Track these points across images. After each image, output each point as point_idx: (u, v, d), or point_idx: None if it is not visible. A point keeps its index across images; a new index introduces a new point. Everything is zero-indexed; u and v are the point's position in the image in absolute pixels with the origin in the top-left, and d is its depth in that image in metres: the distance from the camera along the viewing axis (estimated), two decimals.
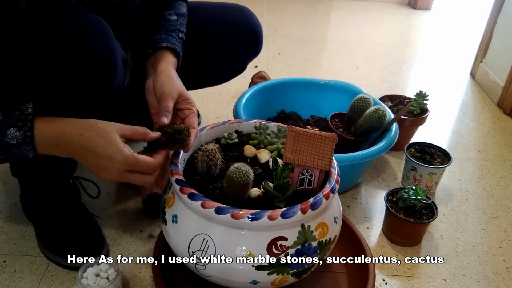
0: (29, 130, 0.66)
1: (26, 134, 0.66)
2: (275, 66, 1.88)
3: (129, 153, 0.67)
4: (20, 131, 0.65)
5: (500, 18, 1.72)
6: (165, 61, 0.85)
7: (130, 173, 0.69)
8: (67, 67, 0.67)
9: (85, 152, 0.68)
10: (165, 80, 0.81)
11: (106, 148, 0.67)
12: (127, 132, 0.70)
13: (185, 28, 0.95)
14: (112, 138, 0.67)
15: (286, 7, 2.67)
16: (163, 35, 0.89)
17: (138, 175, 0.70)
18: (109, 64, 0.72)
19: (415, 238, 1.00)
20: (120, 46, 0.77)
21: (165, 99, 0.78)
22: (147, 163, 0.69)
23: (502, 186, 1.23)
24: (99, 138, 0.67)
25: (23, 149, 0.67)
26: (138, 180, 0.70)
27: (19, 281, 0.86)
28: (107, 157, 0.67)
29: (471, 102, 1.70)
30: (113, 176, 0.68)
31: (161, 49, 0.87)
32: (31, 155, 0.68)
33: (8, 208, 1.04)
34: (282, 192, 0.68)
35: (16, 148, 0.66)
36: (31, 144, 0.66)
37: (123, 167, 0.67)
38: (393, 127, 1.12)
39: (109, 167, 0.67)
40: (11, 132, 0.65)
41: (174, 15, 0.93)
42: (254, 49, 1.09)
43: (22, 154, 0.67)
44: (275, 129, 0.85)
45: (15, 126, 0.65)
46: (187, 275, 0.83)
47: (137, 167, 0.69)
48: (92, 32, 0.69)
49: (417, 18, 2.66)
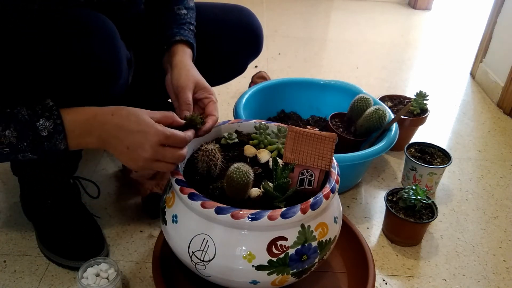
0: (57, 118, 0.65)
1: (56, 122, 0.65)
2: (275, 66, 1.88)
3: (160, 126, 0.68)
4: (50, 121, 0.65)
5: (500, 18, 1.72)
6: (180, 53, 0.86)
7: (164, 148, 0.68)
8: (72, 66, 0.68)
9: (119, 131, 0.67)
10: (180, 72, 0.82)
11: (139, 123, 0.67)
12: (156, 114, 0.70)
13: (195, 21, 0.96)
14: (143, 114, 0.68)
15: (286, 7, 2.67)
16: (175, 29, 0.89)
17: (172, 149, 0.69)
18: (114, 64, 0.72)
19: (415, 238, 1.00)
20: (125, 46, 0.77)
21: (183, 91, 0.79)
22: (179, 135, 0.69)
23: (502, 186, 1.23)
24: (131, 115, 0.68)
25: (55, 140, 0.66)
26: (173, 154, 0.69)
27: (19, 281, 0.86)
28: (141, 132, 0.67)
29: (471, 102, 1.70)
30: (149, 152, 0.67)
31: (175, 43, 0.88)
32: (63, 147, 0.67)
33: (8, 208, 1.04)
34: (282, 192, 0.68)
35: (48, 141, 0.65)
36: (63, 132, 0.66)
37: (157, 139, 0.67)
38: (393, 127, 1.12)
39: (144, 143, 0.67)
40: (41, 123, 0.65)
41: (183, 9, 0.94)
42: (254, 50, 1.09)
43: (54, 146, 0.66)
44: (275, 129, 0.85)
45: (43, 117, 0.65)
46: (187, 275, 0.83)
47: (171, 140, 0.68)
48: (98, 32, 0.69)
49: (417, 18, 2.66)
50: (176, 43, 0.88)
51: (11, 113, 0.64)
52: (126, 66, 0.77)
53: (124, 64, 0.75)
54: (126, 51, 0.77)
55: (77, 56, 0.67)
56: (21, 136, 0.64)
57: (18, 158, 0.67)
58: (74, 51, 0.67)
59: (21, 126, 0.64)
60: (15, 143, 0.64)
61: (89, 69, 0.69)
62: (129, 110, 0.68)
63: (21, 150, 0.65)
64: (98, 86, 0.72)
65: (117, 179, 1.15)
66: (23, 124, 0.64)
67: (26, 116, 0.64)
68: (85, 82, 0.70)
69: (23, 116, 0.64)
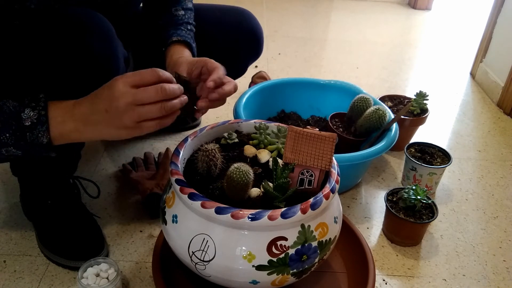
0: (43, 109, 0.64)
1: (40, 113, 0.64)
2: (275, 66, 1.88)
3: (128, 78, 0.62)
4: (34, 111, 0.64)
5: (500, 18, 1.72)
6: (177, 53, 0.85)
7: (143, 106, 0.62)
8: (69, 64, 0.68)
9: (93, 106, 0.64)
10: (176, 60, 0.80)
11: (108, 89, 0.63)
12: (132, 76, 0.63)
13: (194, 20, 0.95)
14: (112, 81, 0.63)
15: (286, 7, 2.67)
16: (171, 30, 0.89)
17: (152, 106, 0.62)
18: (111, 62, 0.72)
19: (415, 238, 1.00)
20: (122, 45, 0.77)
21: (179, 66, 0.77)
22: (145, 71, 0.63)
23: (502, 186, 1.23)
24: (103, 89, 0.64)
25: (37, 131, 0.64)
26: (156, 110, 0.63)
27: (19, 281, 0.86)
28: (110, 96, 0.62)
29: (471, 102, 1.70)
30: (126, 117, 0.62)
31: (172, 43, 0.87)
32: (45, 140, 0.65)
33: (8, 208, 1.04)
34: (282, 192, 0.68)
35: (30, 131, 0.64)
36: (46, 123, 0.64)
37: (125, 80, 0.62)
38: (393, 127, 1.12)
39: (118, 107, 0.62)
40: (25, 113, 0.64)
41: (181, 10, 0.94)
42: (254, 52, 1.09)
43: (36, 139, 0.65)
44: (275, 129, 0.85)
45: (29, 107, 0.64)
46: (187, 275, 0.83)
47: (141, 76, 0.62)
48: (95, 30, 0.69)
49: (417, 18, 2.66)
50: (173, 44, 0.87)
51: None
52: (123, 64, 0.77)
53: (121, 62, 0.75)
54: (123, 50, 0.77)
55: (74, 54, 0.67)
56: (4, 126, 0.63)
57: (2, 153, 0.66)
58: (71, 49, 0.67)
59: (4, 116, 0.63)
60: None
61: (85, 66, 0.69)
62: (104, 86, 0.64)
63: (3, 143, 0.64)
64: (95, 83, 0.72)
65: (117, 179, 1.15)
66: (7, 115, 0.63)
67: (11, 107, 0.64)
68: (81, 79, 0.70)
69: (8, 108, 0.64)
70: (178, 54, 0.85)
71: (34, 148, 0.66)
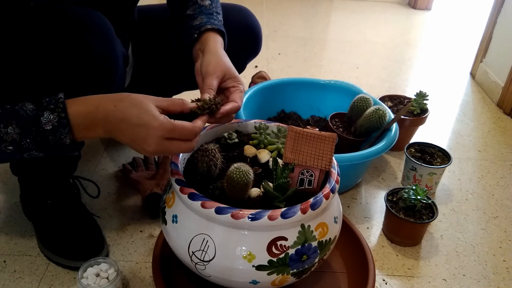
0: (62, 111, 0.63)
1: (60, 116, 0.63)
2: (275, 66, 1.88)
3: (164, 119, 0.64)
4: (54, 113, 0.63)
5: (500, 18, 1.72)
6: (212, 41, 0.85)
7: (170, 140, 0.65)
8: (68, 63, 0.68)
9: (121, 124, 0.65)
10: (211, 58, 0.80)
11: (141, 116, 0.64)
12: (163, 102, 0.67)
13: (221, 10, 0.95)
14: (146, 105, 0.64)
15: (286, 7, 2.67)
16: (204, 19, 0.88)
17: (178, 142, 0.66)
18: (110, 61, 0.72)
19: (415, 238, 1.00)
20: (121, 44, 0.77)
21: (209, 77, 0.77)
22: (185, 127, 0.66)
23: (502, 186, 1.23)
24: (133, 107, 0.64)
25: (59, 134, 0.64)
26: (179, 147, 0.67)
27: (19, 281, 0.86)
28: (143, 126, 0.64)
29: (471, 102, 1.70)
30: (152, 146, 0.65)
31: (206, 31, 0.86)
32: (68, 141, 0.64)
33: (8, 208, 1.04)
34: (282, 192, 0.68)
35: (52, 135, 0.63)
36: (67, 126, 0.64)
37: (161, 134, 0.64)
38: (393, 127, 1.12)
39: (147, 137, 0.64)
40: (45, 117, 0.63)
41: (207, 0, 0.93)
42: (253, 49, 1.09)
43: (59, 141, 0.64)
44: (275, 129, 0.85)
45: (48, 110, 0.63)
46: (187, 275, 0.83)
47: (175, 133, 0.65)
48: (94, 29, 0.69)
49: (417, 18, 2.66)
50: (207, 31, 0.87)
51: (12, 109, 0.63)
52: (122, 63, 0.77)
53: (121, 61, 0.75)
54: (122, 48, 0.77)
55: (73, 53, 0.67)
56: (24, 132, 0.63)
57: (24, 157, 0.66)
58: (70, 48, 0.67)
59: (23, 122, 0.63)
60: (18, 140, 0.63)
61: (85, 65, 0.68)
62: (132, 100, 0.65)
63: (25, 148, 0.64)
64: (94, 82, 0.71)
65: (117, 179, 1.15)
66: (26, 120, 0.63)
67: (28, 112, 0.63)
68: (81, 78, 0.70)
69: (25, 112, 0.63)
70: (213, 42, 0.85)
71: (58, 149, 0.66)
